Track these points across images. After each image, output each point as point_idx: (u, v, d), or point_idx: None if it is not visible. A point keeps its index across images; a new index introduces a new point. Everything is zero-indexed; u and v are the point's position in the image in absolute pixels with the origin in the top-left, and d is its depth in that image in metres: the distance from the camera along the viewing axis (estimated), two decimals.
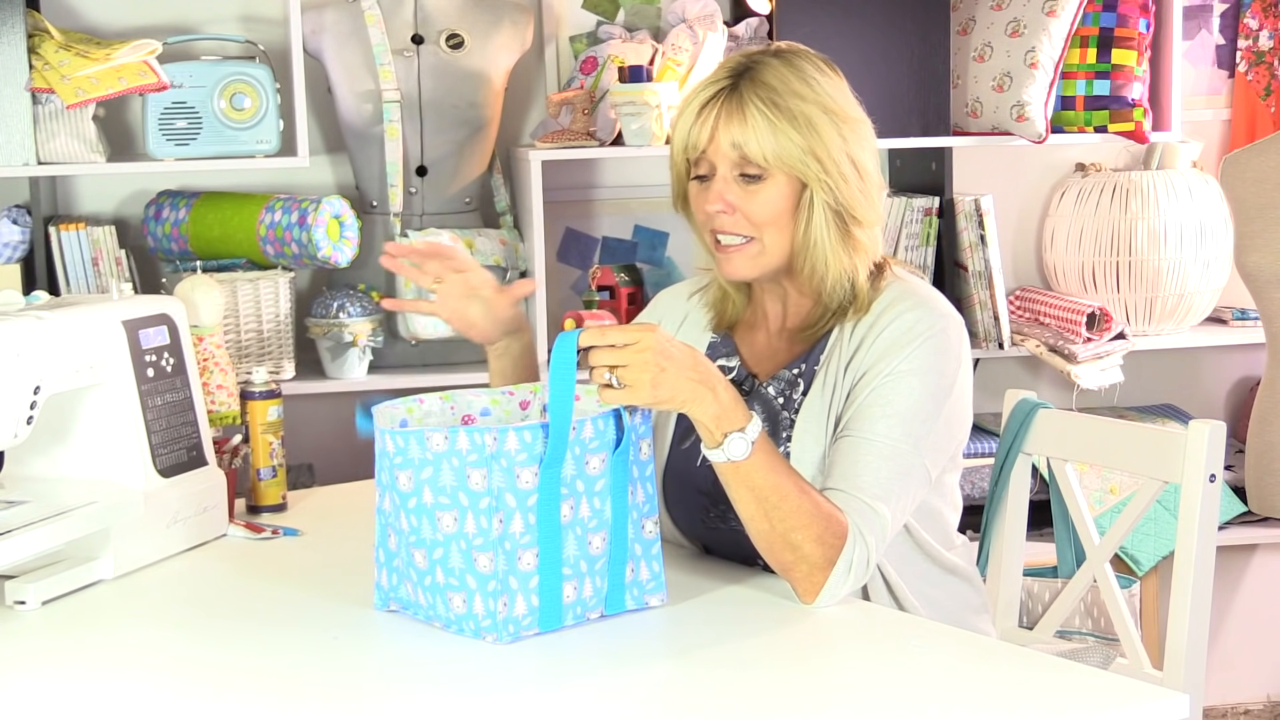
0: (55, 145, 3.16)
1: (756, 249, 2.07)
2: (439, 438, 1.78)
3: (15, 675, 1.79)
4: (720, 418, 1.84)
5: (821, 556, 1.89)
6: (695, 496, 2.13)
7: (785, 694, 1.66)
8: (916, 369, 2.00)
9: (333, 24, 3.43)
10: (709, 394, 1.83)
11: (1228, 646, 3.98)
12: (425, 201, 3.46)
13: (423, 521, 1.81)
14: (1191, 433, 2.15)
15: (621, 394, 1.80)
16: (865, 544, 1.92)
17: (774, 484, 1.87)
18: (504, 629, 1.79)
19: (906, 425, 1.98)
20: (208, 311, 2.50)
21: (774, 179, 2.04)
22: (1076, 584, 2.33)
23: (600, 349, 1.80)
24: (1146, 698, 1.65)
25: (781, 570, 1.92)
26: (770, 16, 3.55)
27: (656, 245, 3.75)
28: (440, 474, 1.78)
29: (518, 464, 1.77)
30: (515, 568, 1.78)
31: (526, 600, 1.79)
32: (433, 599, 1.83)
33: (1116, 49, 3.56)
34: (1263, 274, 3.12)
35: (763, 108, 2.02)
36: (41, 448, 2.18)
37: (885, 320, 2.04)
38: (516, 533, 1.78)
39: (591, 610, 1.86)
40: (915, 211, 3.55)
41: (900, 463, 1.97)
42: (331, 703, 1.68)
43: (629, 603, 1.89)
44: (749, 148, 2.03)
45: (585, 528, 1.83)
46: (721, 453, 1.85)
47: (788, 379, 2.10)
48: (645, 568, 1.89)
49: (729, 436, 1.85)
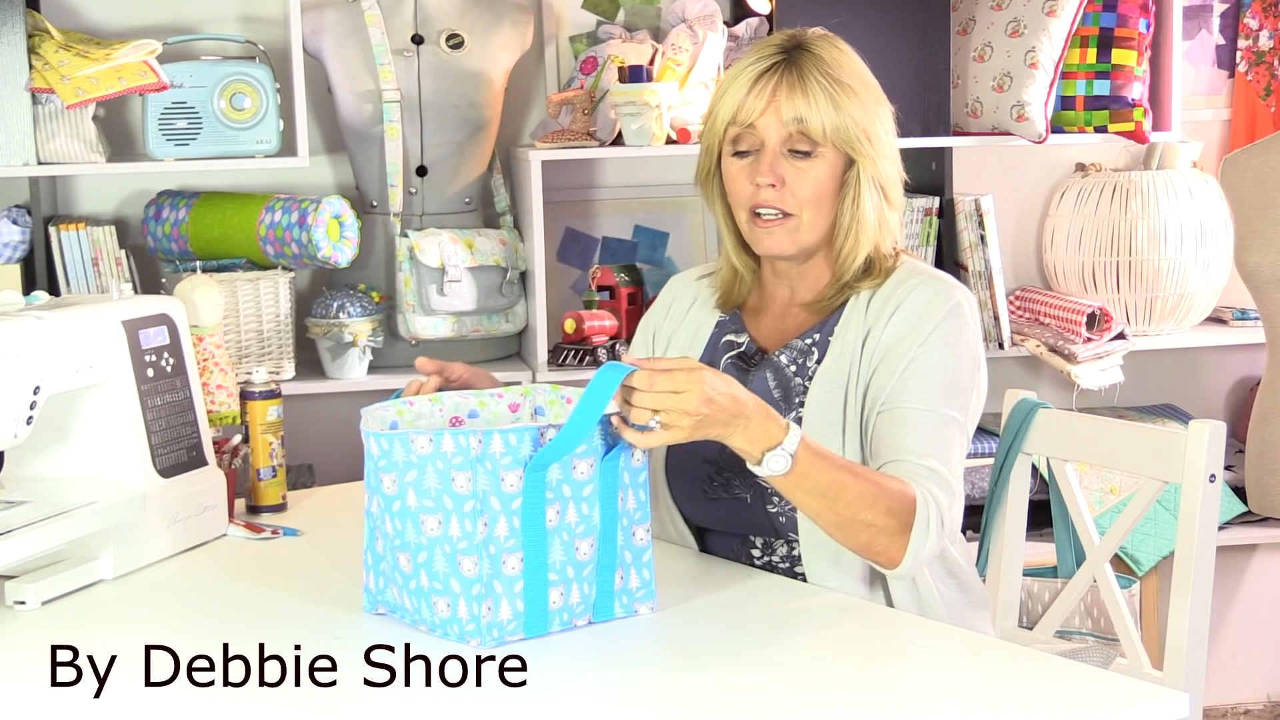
0: (55, 145, 3.17)
1: (795, 225, 2.09)
2: (423, 440, 1.77)
3: (15, 675, 1.79)
4: (755, 440, 1.84)
5: (896, 525, 1.91)
6: (699, 466, 2.13)
7: (785, 695, 1.66)
8: (945, 339, 2.04)
9: (333, 24, 3.43)
10: (743, 424, 1.83)
11: (1228, 646, 3.98)
12: (425, 201, 3.46)
13: (407, 525, 1.80)
14: (1191, 433, 2.15)
15: (659, 436, 1.80)
16: (936, 502, 1.94)
17: (829, 480, 1.87)
18: (488, 634, 1.78)
19: (947, 391, 2.02)
20: (208, 311, 2.50)
21: (823, 157, 2.07)
22: (1076, 584, 2.33)
23: (646, 394, 1.78)
24: (1146, 698, 1.65)
25: (863, 550, 1.93)
26: (770, 16, 3.55)
27: (656, 245, 3.75)
28: (425, 477, 1.77)
29: (503, 467, 1.75)
30: (500, 572, 1.77)
31: (511, 605, 1.78)
32: (418, 603, 1.82)
33: (1116, 49, 3.56)
34: (1263, 274, 3.12)
35: (824, 81, 2.06)
36: (41, 448, 2.18)
37: (902, 293, 2.08)
38: (501, 536, 1.76)
39: (579, 617, 1.84)
40: (915, 211, 3.55)
41: (948, 428, 2.01)
42: (332, 703, 1.68)
43: (618, 610, 1.87)
44: (811, 122, 2.05)
45: (572, 533, 1.81)
46: (764, 469, 1.85)
47: (800, 348, 2.12)
48: (635, 575, 1.88)
49: (767, 454, 1.84)
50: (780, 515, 2.08)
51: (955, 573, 2.12)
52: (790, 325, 2.16)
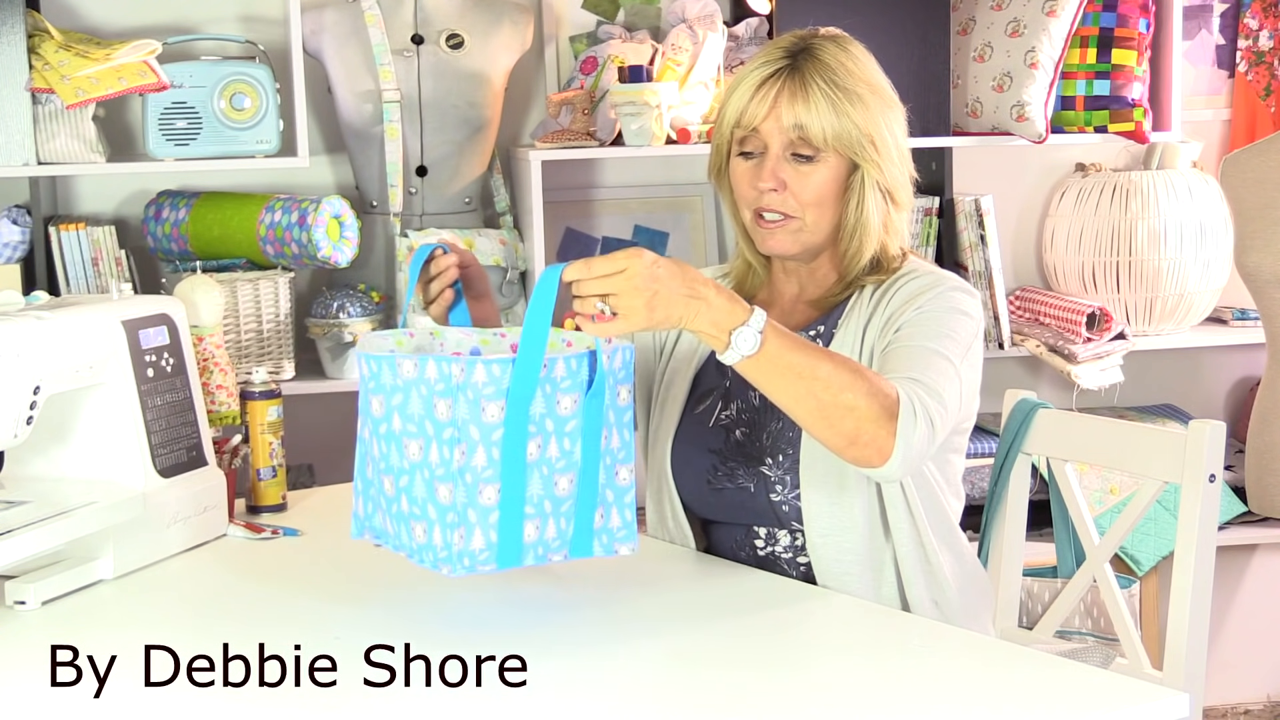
0: (55, 145, 3.17)
1: (798, 226, 2.10)
2: (409, 364, 1.76)
3: (15, 675, 1.79)
4: (719, 321, 1.81)
5: (880, 407, 1.85)
6: (704, 457, 2.14)
7: (785, 695, 1.66)
8: (946, 306, 2.04)
9: (333, 24, 3.43)
10: (702, 304, 1.80)
11: (1228, 646, 3.98)
12: (425, 201, 3.46)
13: (392, 448, 1.79)
14: (1191, 433, 2.15)
15: (617, 323, 1.76)
16: (920, 399, 1.89)
17: (801, 360, 1.83)
18: (459, 561, 1.75)
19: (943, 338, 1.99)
20: (208, 311, 2.50)
21: (826, 161, 2.08)
22: (1076, 584, 2.33)
23: (588, 281, 1.76)
24: (1146, 697, 1.65)
25: (851, 441, 1.85)
26: (770, 16, 3.55)
27: (656, 245, 3.75)
28: (409, 401, 1.76)
29: (484, 397, 1.73)
30: (475, 501, 1.75)
31: (485, 535, 1.76)
32: (398, 527, 1.81)
33: (1116, 49, 3.57)
34: (1263, 274, 3.12)
35: (826, 88, 2.06)
36: (41, 448, 2.18)
37: (903, 280, 2.10)
38: (479, 466, 1.74)
39: (554, 552, 1.81)
40: (915, 211, 3.55)
41: (934, 357, 1.97)
42: (332, 703, 1.68)
43: (597, 549, 1.84)
44: (811, 129, 2.06)
45: (552, 468, 1.78)
46: (734, 353, 1.81)
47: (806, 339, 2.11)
48: (617, 515, 1.84)
49: (734, 334, 1.81)
50: (783, 504, 2.08)
51: (963, 559, 2.14)
52: (796, 320, 2.17)
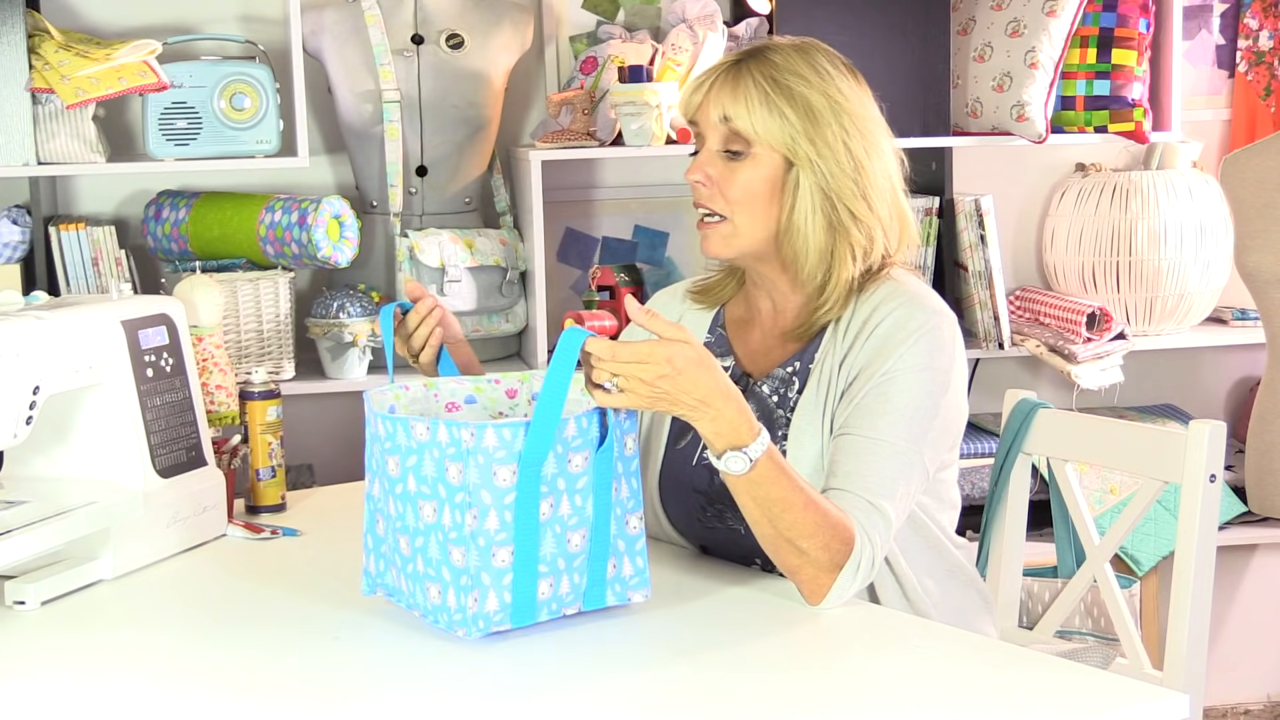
0: (55, 145, 3.16)
1: (729, 229, 2.07)
2: (421, 427, 1.77)
3: (15, 675, 1.78)
4: (721, 433, 1.82)
5: (829, 561, 1.88)
6: (691, 496, 2.12)
7: (785, 695, 1.66)
8: (913, 366, 1.99)
9: (333, 24, 3.43)
10: (710, 412, 1.80)
11: (1228, 646, 3.98)
12: (425, 201, 3.46)
13: (408, 509, 1.80)
14: (1191, 433, 2.15)
15: (620, 400, 1.79)
16: (872, 544, 1.91)
17: (778, 496, 1.85)
18: (474, 624, 1.77)
19: (907, 423, 1.98)
20: (207, 311, 2.50)
21: (757, 159, 2.03)
22: (1076, 584, 2.33)
23: (607, 362, 1.78)
24: (1146, 698, 1.65)
25: (788, 572, 1.91)
26: (770, 16, 3.55)
27: (656, 245, 3.75)
28: (423, 463, 1.77)
29: (495, 461, 1.74)
30: (489, 564, 1.76)
31: (499, 596, 1.77)
32: (413, 587, 1.82)
33: (1116, 49, 3.57)
34: (1263, 274, 3.12)
35: (760, 81, 2.03)
36: (41, 448, 2.18)
37: (877, 318, 2.03)
38: (491, 529, 1.75)
39: (568, 606, 1.83)
40: (915, 212, 3.55)
41: (902, 461, 1.97)
42: (330, 703, 1.68)
43: (610, 599, 1.86)
44: (738, 121, 2.03)
45: (565, 525, 1.79)
46: (721, 464, 1.83)
47: (782, 377, 2.10)
48: (629, 563, 1.86)
49: (729, 452, 1.82)
50: None
51: (956, 574, 2.12)
52: (775, 350, 2.13)
